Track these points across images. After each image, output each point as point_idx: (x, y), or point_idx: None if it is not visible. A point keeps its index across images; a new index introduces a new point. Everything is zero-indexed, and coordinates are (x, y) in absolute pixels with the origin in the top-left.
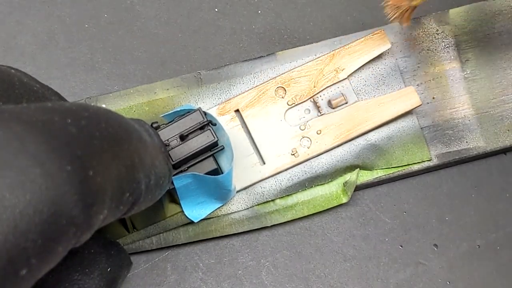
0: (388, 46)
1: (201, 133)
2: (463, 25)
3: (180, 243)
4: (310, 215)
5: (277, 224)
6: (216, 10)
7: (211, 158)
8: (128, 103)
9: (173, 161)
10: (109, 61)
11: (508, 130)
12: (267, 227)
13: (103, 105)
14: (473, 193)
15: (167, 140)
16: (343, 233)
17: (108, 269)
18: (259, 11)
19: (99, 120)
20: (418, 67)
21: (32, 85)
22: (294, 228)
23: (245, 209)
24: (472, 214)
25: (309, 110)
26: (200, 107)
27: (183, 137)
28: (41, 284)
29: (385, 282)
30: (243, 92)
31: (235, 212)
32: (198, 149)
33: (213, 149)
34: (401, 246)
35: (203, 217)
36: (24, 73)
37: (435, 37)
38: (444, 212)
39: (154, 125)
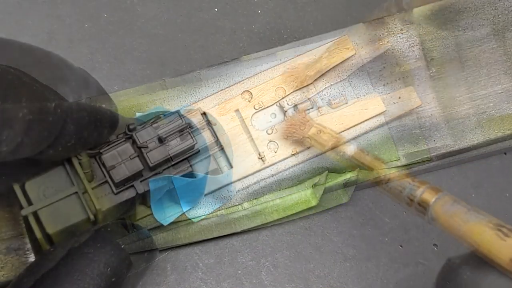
0: (353, 52)
1: (179, 136)
2: (427, 23)
3: (180, 243)
4: (310, 215)
5: (277, 224)
6: (216, 10)
7: (187, 162)
8: (128, 103)
9: (151, 163)
10: (109, 61)
11: (476, 128)
12: (267, 227)
13: (103, 105)
14: (473, 193)
15: (146, 141)
16: (343, 233)
17: (108, 269)
18: (259, 11)
19: None
20: (384, 67)
21: (32, 85)
22: (294, 228)
23: (213, 214)
24: None
25: (275, 115)
26: (179, 110)
27: (161, 140)
28: (41, 284)
29: (385, 282)
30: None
31: (204, 217)
32: (176, 152)
33: (188, 152)
34: (401, 246)
35: (171, 220)
36: (24, 73)
37: (399, 36)
38: None
39: (131, 127)
